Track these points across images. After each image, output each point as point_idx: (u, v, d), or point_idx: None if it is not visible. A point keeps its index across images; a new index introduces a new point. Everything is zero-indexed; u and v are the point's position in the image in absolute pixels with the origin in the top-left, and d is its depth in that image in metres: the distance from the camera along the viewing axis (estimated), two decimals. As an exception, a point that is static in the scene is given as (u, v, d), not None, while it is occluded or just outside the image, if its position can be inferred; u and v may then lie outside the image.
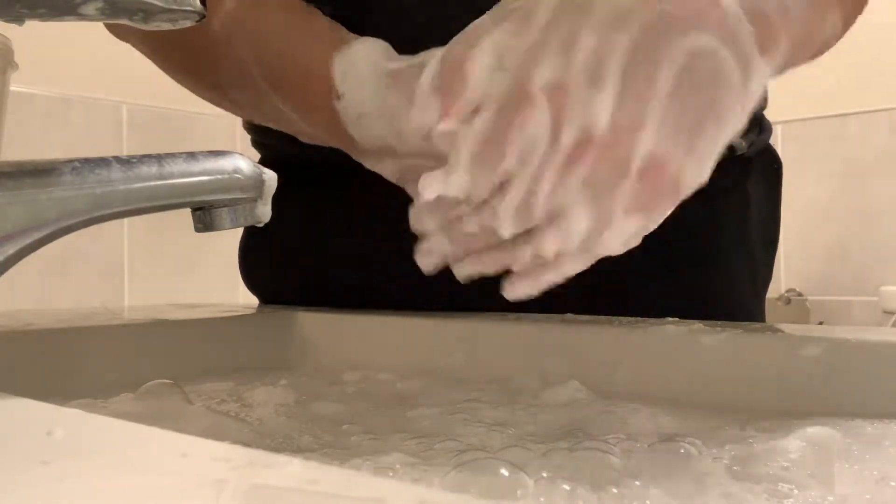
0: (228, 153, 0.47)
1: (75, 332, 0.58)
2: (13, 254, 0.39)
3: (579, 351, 0.54)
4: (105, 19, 0.34)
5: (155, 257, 1.96)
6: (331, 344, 0.65)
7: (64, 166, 0.40)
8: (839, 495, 0.34)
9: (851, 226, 2.36)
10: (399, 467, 0.37)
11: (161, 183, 0.43)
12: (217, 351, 0.63)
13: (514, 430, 0.43)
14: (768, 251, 0.76)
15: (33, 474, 0.22)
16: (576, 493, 0.33)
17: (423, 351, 0.59)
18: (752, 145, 0.72)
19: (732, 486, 0.35)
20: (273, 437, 0.43)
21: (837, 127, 2.38)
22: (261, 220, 0.48)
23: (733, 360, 0.49)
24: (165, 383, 0.49)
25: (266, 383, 0.56)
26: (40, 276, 1.75)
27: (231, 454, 0.24)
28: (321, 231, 0.73)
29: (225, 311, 0.71)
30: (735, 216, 0.72)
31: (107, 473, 0.22)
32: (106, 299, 1.88)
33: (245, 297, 0.81)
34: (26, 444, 0.25)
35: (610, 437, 0.42)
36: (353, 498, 0.20)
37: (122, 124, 1.93)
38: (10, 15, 0.33)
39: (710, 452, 0.39)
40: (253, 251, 0.78)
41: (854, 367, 0.46)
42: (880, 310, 2.22)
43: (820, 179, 2.38)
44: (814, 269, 2.41)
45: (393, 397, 0.53)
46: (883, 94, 2.30)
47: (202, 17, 0.35)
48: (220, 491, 0.20)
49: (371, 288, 0.70)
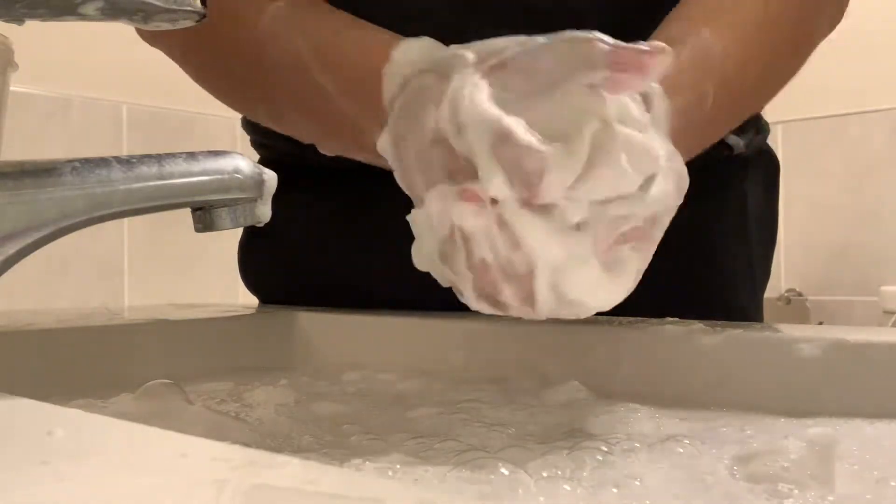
0: (228, 153, 0.47)
1: (75, 332, 0.58)
2: (13, 254, 0.39)
3: (579, 351, 0.54)
4: (105, 19, 0.34)
5: (155, 257, 1.96)
6: (331, 344, 0.65)
7: (64, 166, 0.40)
8: (839, 495, 0.34)
9: (851, 226, 2.36)
10: (399, 467, 0.37)
11: (161, 183, 0.43)
12: (217, 351, 0.63)
13: (514, 430, 0.43)
14: (766, 251, 0.76)
15: (33, 474, 0.22)
16: (576, 493, 0.33)
17: (423, 351, 0.59)
18: (749, 145, 0.72)
19: (732, 486, 0.35)
20: (273, 437, 0.43)
21: (837, 127, 2.38)
22: (261, 220, 0.48)
23: (733, 360, 0.49)
24: (165, 383, 0.49)
25: (266, 383, 0.56)
26: (40, 276, 1.75)
27: (231, 454, 0.24)
28: (321, 231, 0.73)
29: (225, 311, 0.71)
30: (732, 216, 0.72)
31: (107, 473, 0.22)
32: (106, 299, 1.88)
33: (245, 297, 0.81)
34: (26, 444, 0.25)
35: (610, 437, 0.42)
36: (353, 498, 0.20)
37: (122, 124, 1.93)
38: (10, 15, 0.33)
39: (710, 452, 0.39)
40: (253, 251, 0.78)
41: (854, 367, 0.46)
42: (880, 310, 2.22)
43: (820, 179, 2.38)
44: (814, 269, 2.41)
45: (393, 397, 0.53)
46: (883, 94, 2.30)
47: (202, 17, 0.35)
48: (220, 491, 0.20)
49: (371, 288, 0.70)
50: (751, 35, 0.54)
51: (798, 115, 2.36)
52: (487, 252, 0.39)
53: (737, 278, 0.72)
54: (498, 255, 0.39)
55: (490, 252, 0.39)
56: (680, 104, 0.46)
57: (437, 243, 0.41)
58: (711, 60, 0.51)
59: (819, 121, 2.40)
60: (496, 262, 0.39)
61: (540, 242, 0.39)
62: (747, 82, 0.55)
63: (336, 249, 0.72)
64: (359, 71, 0.51)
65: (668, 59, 0.39)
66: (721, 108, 0.52)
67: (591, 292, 0.40)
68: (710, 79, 0.51)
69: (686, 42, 0.50)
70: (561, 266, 0.39)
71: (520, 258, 0.39)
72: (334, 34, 0.56)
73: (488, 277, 0.40)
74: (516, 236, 0.39)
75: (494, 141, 0.38)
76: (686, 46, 0.50)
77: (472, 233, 0.39)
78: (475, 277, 0.40)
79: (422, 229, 0.42)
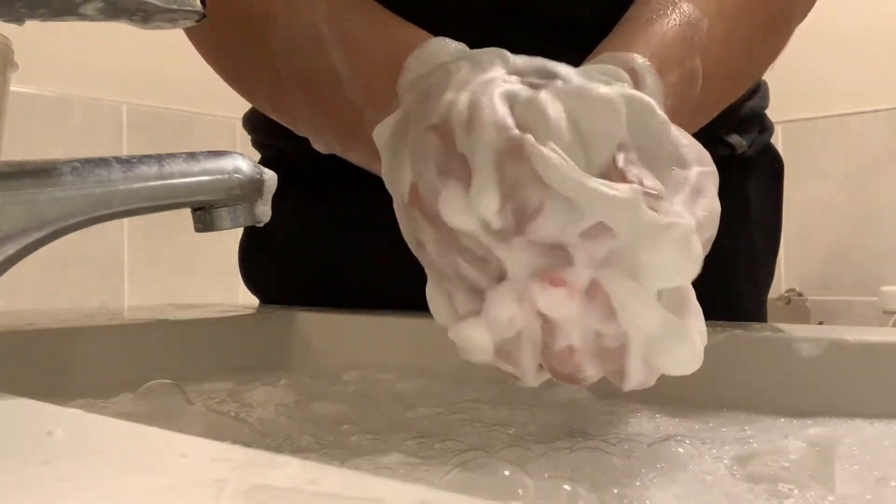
0: (228, 153, 0.47)
1: (75, 332, 0.58)
2: (13, 254, 0.39)
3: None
4: (105, 19, 0.34)
5: (155, 257, 1.96)
6: (331, 344, 0.65)
7: (64, 166, 0.40)
8: (839, 495, 0.34)
9: (851, 226, 2.36)
10: (399, 467, 0.37)
11: (161, 183, 0.43)
12: (217, 351, 0.63)
13: (514, 430, 0.43)
14: (770, 251, 0.76)
15: (33, 474, 0.22)
16: (576, 493, 0.33)
17: (423, 351, 0.59)
18: (752, 144, 0.72)
19: (732, 486, 0.35)
20: (273, 437, 0.43)
21: (837, 127, 2.38)
22: (261, 220, 0.48)
23: (733, 360, 0.49)
24: (165, 383, 0.49)
25: (266, 383, 0.56)
26: (40, 276, 1.75)
27: (231, 454, 0.24)
28: (321, 231, 0.73)
29: (225, 311, 0.71)
30: (736, 215, 0.72)
31: (107, 473, 0.22)
32: (106, 299, 1.88)
33: (245, 297, 0.81)
34: (26, 444, 0.25)
35: (610, 437, 0.42)
36: (353, 498, 0.20)
37: (122, 124, 1.93)
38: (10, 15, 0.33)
39: (710, 452, 0.39)
40: (253, 251, 0.78)
41: (854, 367, 0.46)
42: (880, 310, 2.22)
43: (820, 179, 2.38)
44: (814, 269, 2.41)
45: (393, 397, 0.53)
46: (883, 94, 2.30)
47: (202, 17, 0.35)
48: (220, 491, 0.20)
49: (371, 288, 0.70)
50: (730, 10, 0.52)
51: (798, 115, 2.36)
52: (576, 337, 0.35)
53: (739, 279, 0.72)
54: (588, 334, 0.35)
55: (580, 336, 0.35)
56: (672, 80, 0.44)
57: (493, 345, 0.36)
58: (698, 35, 0.48)
59: (819, 121, 2.40)
60: (585, 343, 0.35)
61: (636, 312, 0.34)
62: (733, 59, 0.53)
63: (336, 249, 0.72)
64: (379, 56, 0.48)
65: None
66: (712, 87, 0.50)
67: (685, 359, 0.35)
68: (698, 54, 0.48)
69: (670, 14, 0.48)
70: (655, 337, 0.35)
71: (613, 331, 0.35)
72: (361, 18, 0.52)
73: (571, 362, 0.36)
74: (612, 306, 0.34)
75: (505, 151, 0.34)
76: (671, 19, 0.47)
77: (560, 321, 0.35)
78: (553, 365, 0.36)
79: (467, 337, 0.37)
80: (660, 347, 0.35)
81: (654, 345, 0.35)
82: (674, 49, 0.46)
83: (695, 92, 0.48)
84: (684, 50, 0.47)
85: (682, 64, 0.47)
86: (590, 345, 0.35)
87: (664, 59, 0.44)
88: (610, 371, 0.36)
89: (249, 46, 0.58)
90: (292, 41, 0.54)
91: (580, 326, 0.35)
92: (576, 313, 0.34)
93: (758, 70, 0.59)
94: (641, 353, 0.35)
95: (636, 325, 0.34)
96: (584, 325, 0.35)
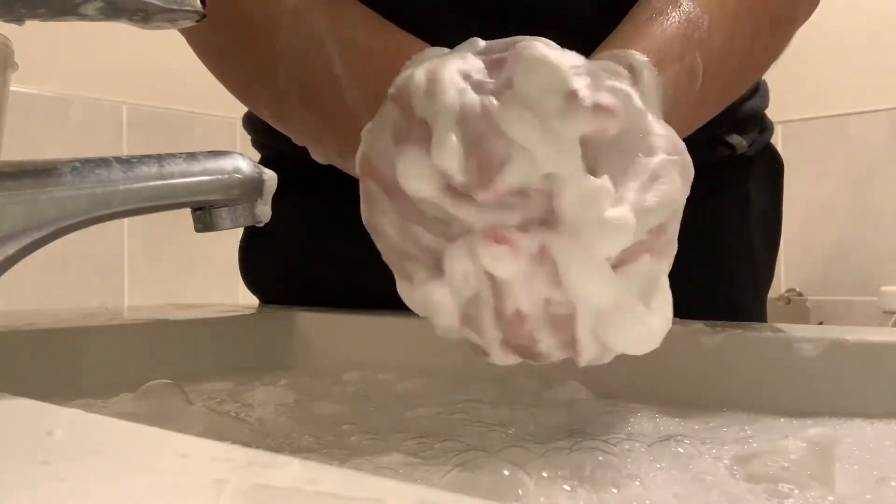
0: (228, 153, 0.47)
1: (75, 332, 0.58)
2: (13, 254, 0.39)
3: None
4: (105, 19, 0.34)
5: (155, 257, 1.96)
6: (331, 344, 0.65)
7: (64, 166, 0.40)
8: (839, 495, 0.34)
9: (851, 226, 2.36)
10: (399, 467, 0.37)
11: (161, 183, 0.43)
12: (217, 351, 0.63)
13: (514, 430, 0.43)
14: (770, 251, 0.76)
15: (33, 474, 0.22)
16: (576, 493, 0.33)
17: (423, 351, 0.59)
18: (752, 144, 0.72)
19: (732, 486, 0.35)
20: (273, 437, 0.43)
21: (837, 127, 2.38)
22: (261, 220, 0.48)
23: (733, 360, 0.49)
24: (165, 383, 0.49)
25: (266, 383, 0.56)
26: (40, 276, 1.75)
27: (231, 454, 0.24)
28: (321, 231, 0.73)
29: (225, 311, 0.71)
30: (736, 215, 0.72)
31: (107, 473, 0.22)
32: (106, 299, 1.88)
33: (245, 297, 0.81)
34: (26, 444, 0.25)
35: (610, 437, 0.42)
36: (353, 498, 0.20)
37: (122, 124, 1.93)
38: (10, 15, 0.33)
39: (710, 452, 0.39)
40: (253, 251, 0.78)
41: (854, 367, 0.46)
42: (880, 310, 2.22)
43: (820, 179, 2.38)
44: (814, 269, 2.41)
45: (393, 397, 0.53)
46: (883, 94, 2.30)
47: (202, 17, 0.35)
48: (220, 491, 0.20)
49: (371, 288, 0.70)
50: (732, 8, 0.52)
51: (798, 115, 2.36)
52: (524, 300, 0.35)
53: (740, 279, 0.72)
54: (537, 301, 0.35)
55: (528, 299, 0.35)
56: (670, 75, 0.44)
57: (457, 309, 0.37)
58: (699, 32, 0.49)
59: (819, 121, 2.40)
60: (534, 309, 0.35)
61: (581, 278, 0.34)
62: (734, 56, 0.53)
63: (336, 249, 0.72)
64: (379, 64, 0.49)
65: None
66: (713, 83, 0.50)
67: (635, 338, 0.36)
68: (698, 50, 0.48)
69: (671, 13, 0.48)
70: (604, 309, 0.35)
71: (560, 298, 0.35)
72: (362, 27, 0.53)
73: (523, 330, 0.36)
74: (558, 272, 0.34)
75: (465, 113, 0.35)
76: (671, 17, 0.48)
77: (509, 280, 0.35)
78: (507, 333, 0.36)
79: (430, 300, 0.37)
80: (609, 323, 0.35)
81: (603, 320, 0.35)
82: (673, 45, 0.47)
83: (695, 87, 0.48)
84: (684, 46, 0.47)
85: (682, 59, 0.47)
86: (540, 311, 0.35)
87: (663, 54, 0.44)
88: (563, 342, 0.36)
89: (250, 54, 0.58)
90: (294, 49, 0.54)
91: (527, 288, 0.35)
92: (521, 273, 0.34)
93: (759, 69, 0.59)
94: (590, 324, 0.35)
95: (581, 292, 0.35)
96: (531, 288, 0.35)
